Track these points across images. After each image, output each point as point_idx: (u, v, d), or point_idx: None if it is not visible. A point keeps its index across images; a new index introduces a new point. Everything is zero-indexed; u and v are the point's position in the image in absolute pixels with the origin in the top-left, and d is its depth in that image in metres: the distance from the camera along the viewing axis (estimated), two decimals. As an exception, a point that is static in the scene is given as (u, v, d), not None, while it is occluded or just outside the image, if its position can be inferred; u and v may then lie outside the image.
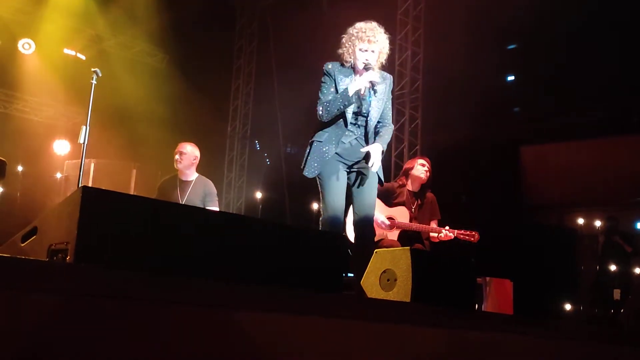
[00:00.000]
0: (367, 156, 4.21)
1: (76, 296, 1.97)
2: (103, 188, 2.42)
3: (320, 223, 4.36)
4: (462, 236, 5.35)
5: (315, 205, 8.19)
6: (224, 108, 12.43)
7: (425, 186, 5.69)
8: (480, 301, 4.84)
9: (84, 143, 4.88)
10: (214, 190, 6.00)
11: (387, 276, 3.19)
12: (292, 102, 10.53)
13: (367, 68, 4.19)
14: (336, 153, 4.28)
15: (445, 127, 9.89)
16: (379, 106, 4.31)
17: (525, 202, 10.28)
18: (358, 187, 4.35)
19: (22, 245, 2.47)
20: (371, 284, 3.28)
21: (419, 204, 5.62)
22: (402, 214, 5.51)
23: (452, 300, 3.22)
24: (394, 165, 9.76)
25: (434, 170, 5.77)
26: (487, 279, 4.94)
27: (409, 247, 3.17)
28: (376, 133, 4.36)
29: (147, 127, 9.42)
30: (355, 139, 4.32)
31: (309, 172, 4.26)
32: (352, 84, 4.20)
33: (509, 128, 10.38)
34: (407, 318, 2.69)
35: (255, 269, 2.61)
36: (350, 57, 4.27)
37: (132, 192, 8.07)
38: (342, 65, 4.31)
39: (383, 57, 4.34)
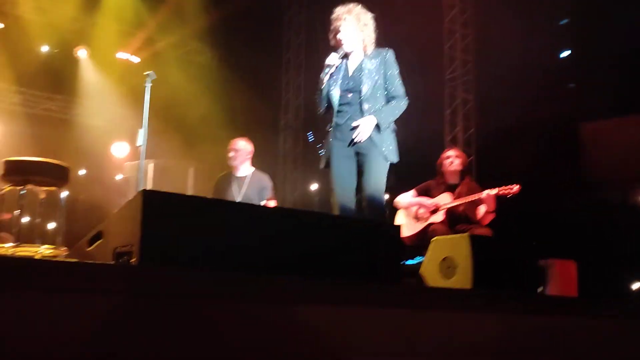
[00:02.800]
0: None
1: (142, 297, 2.03)
2: (162, 188, 2.48)
3: None
4: (502, 192, 5.22)
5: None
6: (276, 101, 12.51)
7: (463, 174, 5.61)
8: (543, 284, 4.76)
9: (142, 145, 4.99)
10: (270, 184, 6.04)
11: (446, 264, 3.18)
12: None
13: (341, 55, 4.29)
14: (335, 138, 4.25)
15: (500, 108, 9.71)
16: (371, 81, 4.20)
17: (587, 180, 10.03)
18: (361, 169, 4.19)
19: (89, 249, 2.56)
20: (431, 272, 3.27)
21: (460, 192, 5.51)
22: (444, 199, 5.45)
23: (515, 285, 3.19)
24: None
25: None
26: (550, 260, 4.85)
27: (467, 234, 3.15)
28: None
29: (202, 125, 9.56)
30: (349, 118, 4.21)
31: (320, 163, 4.36)
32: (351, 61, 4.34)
33: (566, 105, 10.12)
34: (469, 304, 2.68)
35: (314, 263, 2.63)
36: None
37: (190, 191, 8.23)
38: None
39: (367, 34, 4.29)
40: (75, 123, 11.03)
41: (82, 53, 10.73)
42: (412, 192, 5.67)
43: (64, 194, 5.10)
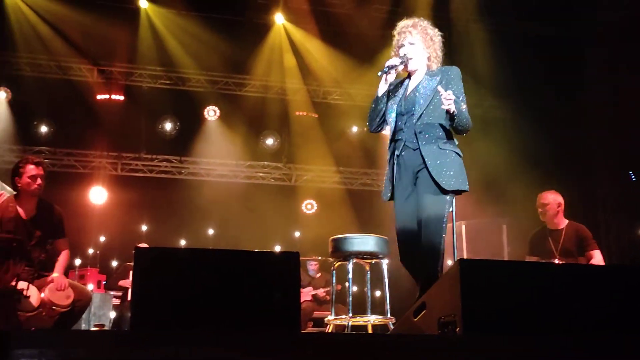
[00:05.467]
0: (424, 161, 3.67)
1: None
2: (476, 248, 2.54)
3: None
4: None
5: None
6: (582, 143, 11.82)
7: None
8: None
9: (452, 210, 5.11)
10: (589, 234, 5.72)
11: None
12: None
13: (403, 61, 3.78)
14: (397, 171, 3.80)
15: None
16: (425, 101, 3.70)
17: None
18: (418, 200, 3.70)
19: (415, 320, 2.69)
20: None
21: None
22: None
23: None
24: None
25: None
26: None
27: None
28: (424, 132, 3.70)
29: (509, 180, 9.44)
30: (405, 144, 3.76)
31: (383, 194, 3.90)
32: (412, 80, 3.88)
33: None
34: None
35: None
36: None
37: (505, 248, 8.12)
38: None
39: (433, 50, 3.83)
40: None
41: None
42: None
43: (386, 262, 5.42)
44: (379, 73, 3.75)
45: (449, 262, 8.18)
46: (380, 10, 10.27)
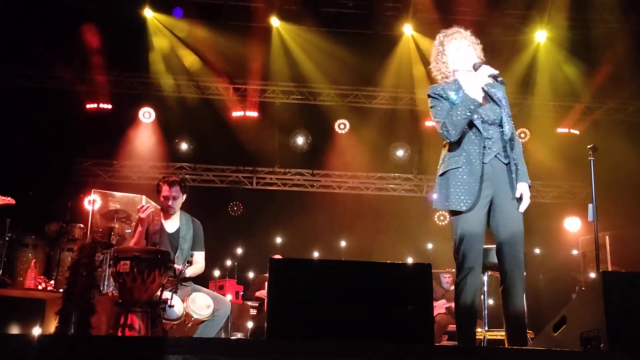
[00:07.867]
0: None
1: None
2: (622, 260, 2.39)
3: (457, 276, 3.48)
4: None
5: None
6: None
7: None
8: None
9: (594, 220, 4.86)
10: None
11: None
12: None
13: (475, 65, 3.46)
14: (481, 178, 3.44)
15: None
16: (507, 115, 3.49)
17: None
18: (497, 213, 3.48)
19: (555, 334, 2.57)
20: None
21: None
22: None
23: None
24: None
25: None
26: None
27: None
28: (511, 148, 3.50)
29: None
30: (496, 156, 3.48)
31: (457, 203, 3.41)
32: (469, 86, 3.48)
33: None
34: None
35: None
36: (449, 68, 3.56)
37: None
38: (446, 84, 3.58)
39: (479, 52, 3.60)
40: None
41: (522, 135, 11.08)
42: None
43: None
44: (493, 74, 3.47)
45: (592, 275, 7.77)
46: (512, 15, 9.98)
